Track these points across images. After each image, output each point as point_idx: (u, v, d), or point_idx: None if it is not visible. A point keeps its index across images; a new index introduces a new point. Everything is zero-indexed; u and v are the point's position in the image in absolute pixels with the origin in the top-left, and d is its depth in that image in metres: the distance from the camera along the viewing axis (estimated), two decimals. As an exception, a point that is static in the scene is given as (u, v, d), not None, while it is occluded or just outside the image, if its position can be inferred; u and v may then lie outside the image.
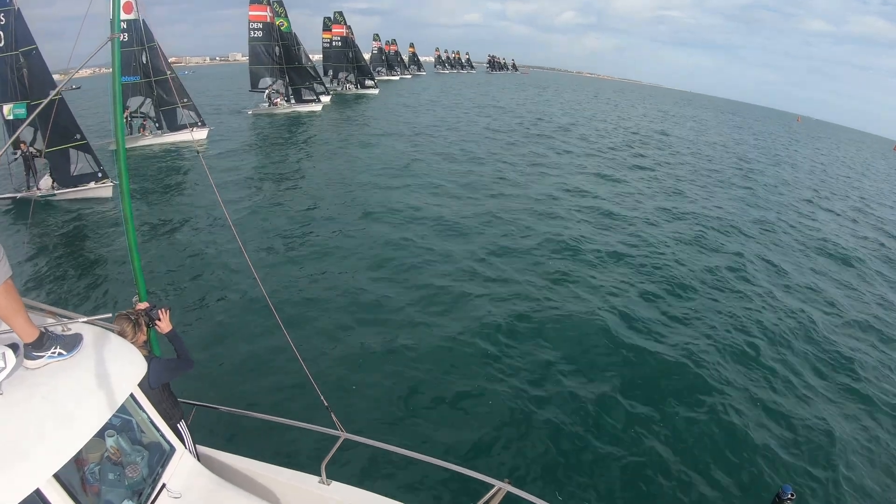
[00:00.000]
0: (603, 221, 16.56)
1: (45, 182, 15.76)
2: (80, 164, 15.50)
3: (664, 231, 15.97)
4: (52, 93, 5.64)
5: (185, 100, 24.55)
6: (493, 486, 2.98)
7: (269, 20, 36.25)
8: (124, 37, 22.52)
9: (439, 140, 29.19)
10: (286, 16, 37.50)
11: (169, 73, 24.00)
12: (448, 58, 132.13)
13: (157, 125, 24.55)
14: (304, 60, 37.72)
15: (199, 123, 25.24)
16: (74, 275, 11.04)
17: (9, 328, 2.54)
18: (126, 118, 23.59)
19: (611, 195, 20.14)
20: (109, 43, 3.54)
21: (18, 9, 14.45)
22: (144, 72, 23.32)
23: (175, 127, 24.41)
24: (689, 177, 25.78)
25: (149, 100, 23.99)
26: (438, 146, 27.23)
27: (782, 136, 66.78)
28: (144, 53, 23.11)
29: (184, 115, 24.55)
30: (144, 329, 3.44)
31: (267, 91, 36.86)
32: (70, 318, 3.11)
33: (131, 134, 23.89)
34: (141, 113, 24.13)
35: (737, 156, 36.79)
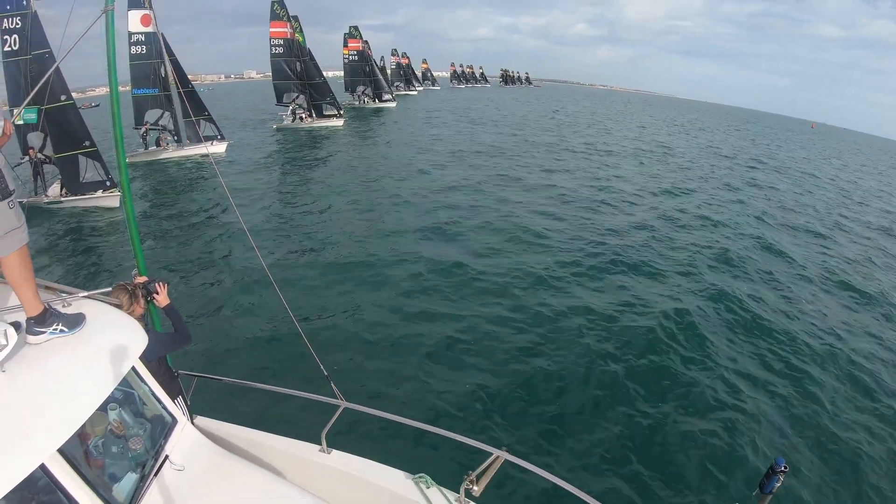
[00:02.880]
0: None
1: (54, 189, 15.62)
2: (89, 171, 15.28)
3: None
4: (49, 72, 5.21)
5: (205, 113, 24.19)
6: (491, 454, 3.01)
7: (289, 36, 36.39)
8: (142, 49, 22.23)
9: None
10: (301, 30, 37.56)
11: (188, 86, 23.73)
12: (463, 72, 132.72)
13: (175, 138, 24.22)
14: (319, 76, 37.68)
15: (219, 136, 24.94)
16: (76, 262, 11.50)
17: (10, 307, 2.64)
18: (144, 132, 23.52)
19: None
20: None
21: (35, 11, 14.22)
22: (163, 85, 23.08)
23: (194, 140, 24.06)
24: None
25: (167, 113, 23.77)
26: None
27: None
28: (163, 66, 22.89)
29: (203, 127, 24.28)
30: (142, 301, 3.40)
31: (291, 106, 36.91)
32: (70, 294, 3.11)
33: (147, 148, 23.72)
34: (159, 126, 23.81)
35: None
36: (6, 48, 14.13)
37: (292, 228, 13.91)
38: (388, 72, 75.28)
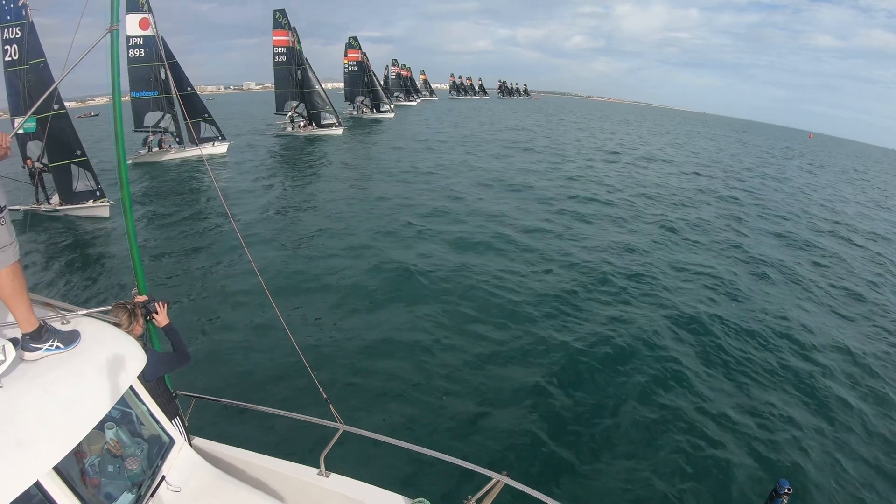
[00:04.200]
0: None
1: (56, 199, 15.56)
2: (80, 181, 15.23)
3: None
4: (52, 87, 4.84)
5: (206, 115, 24.11)
6: (491, 478, 2.98)
7: (291, 45, 36.53)
8: (141, 52, 21.98)
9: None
10: (299, 41, 37.63)
11: (188, 88, 23.66)
12: (462, 83, 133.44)
13: (177, 140, 24.18)
14: (317, 85, 37.71)
15: (220, 137, 24.88)
16: (74, 278, 11.30)
17: (9, 322, 2.61)
18: (149, 138, 23.53)
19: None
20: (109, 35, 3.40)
21: (32, 22, 14.35)
22: (164, 87, 22.90)
23: (196, 141, 23.98)
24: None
25: (168, 115, 23.68)
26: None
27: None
28: (163, 69, 22.69)
29: (204, 129, 24.31)
30: (141, 321, 3.38)
31: (289, 114, 36.99)
32: (69, 311, 3.09)
33: (150, 150, 23.65)
34: (160, 128, 23.71)
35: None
36: (6, 58, 14.27)
37: (293, 240, 13.62)
38: (389, 82, 75.52)
